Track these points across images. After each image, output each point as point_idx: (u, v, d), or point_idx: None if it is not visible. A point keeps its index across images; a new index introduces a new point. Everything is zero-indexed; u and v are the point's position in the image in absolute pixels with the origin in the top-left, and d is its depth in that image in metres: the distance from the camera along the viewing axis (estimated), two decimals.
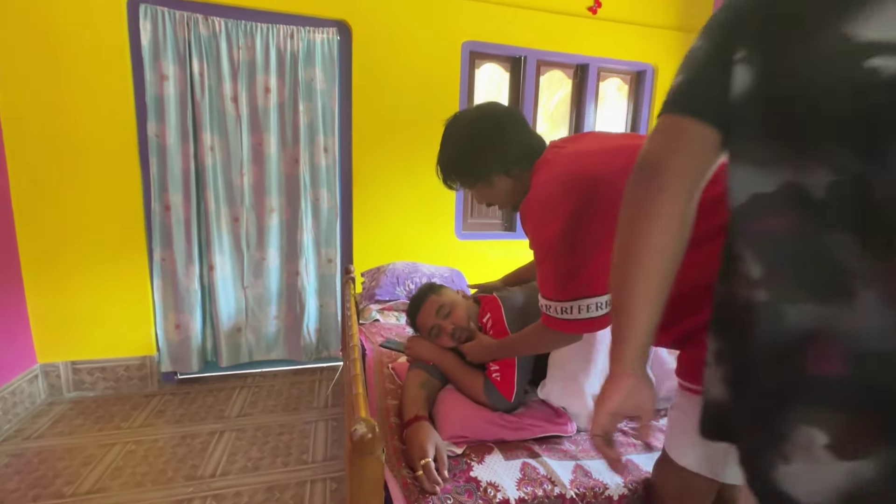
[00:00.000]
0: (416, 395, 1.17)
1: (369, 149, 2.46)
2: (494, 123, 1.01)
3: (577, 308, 0.88)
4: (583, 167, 0.89)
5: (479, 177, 1.02)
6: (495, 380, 1.17)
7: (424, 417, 1.08)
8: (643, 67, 2.84)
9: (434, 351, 1.29)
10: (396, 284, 2.01)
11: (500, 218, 2.85)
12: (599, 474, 1.03)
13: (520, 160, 0.99)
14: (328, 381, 2.45)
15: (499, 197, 1.05)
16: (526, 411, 1.18)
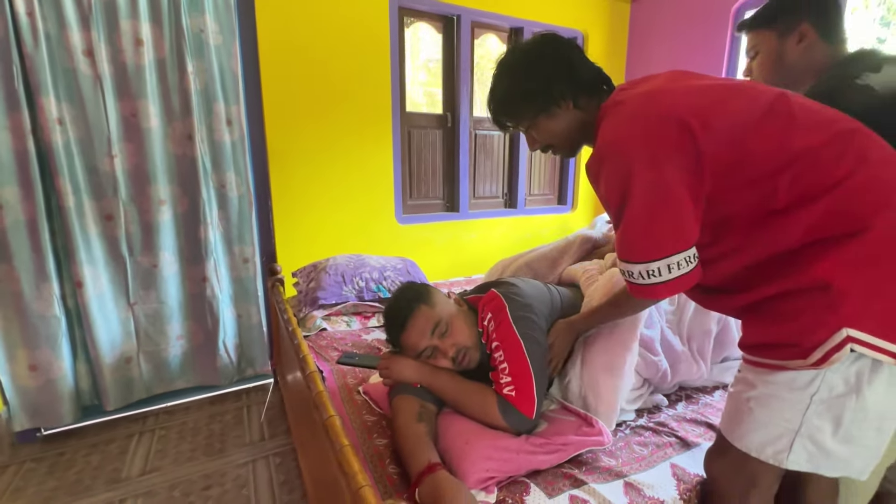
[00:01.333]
0: (418, 433, 0.89)
1: (287, 121, 2.02)
2: (559, 45, 0.89)
3: (665, 268, 0.76)
4: (668, 106, 0.76)
5: (542, 106, 0.88)
6: (510, 395, 0.95)
7: (440, 465, 0.82)
8: (574, 34, 2.76)
9: (422, 371, 1.02)
10: (343, 283, 1.67)
11: (442, 196, 2.61)
12: (651, 489, 0.87)
13: (589, 88, 0.88)
14: (258, 406, 2.02)
15: (561, 134, 0.91)
16: (550, 427, 0.98)
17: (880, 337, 0.66)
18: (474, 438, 0.90)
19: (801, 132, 0.72)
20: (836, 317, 0.68)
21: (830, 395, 0.72)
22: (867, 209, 0.68)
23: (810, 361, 0.69)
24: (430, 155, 2.51)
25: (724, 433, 0.83)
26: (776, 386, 0.75)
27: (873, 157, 0.71)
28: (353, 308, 1.69)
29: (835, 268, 0.68)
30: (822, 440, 0.74)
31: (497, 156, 2.73)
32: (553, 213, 2.95)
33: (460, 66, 2.43)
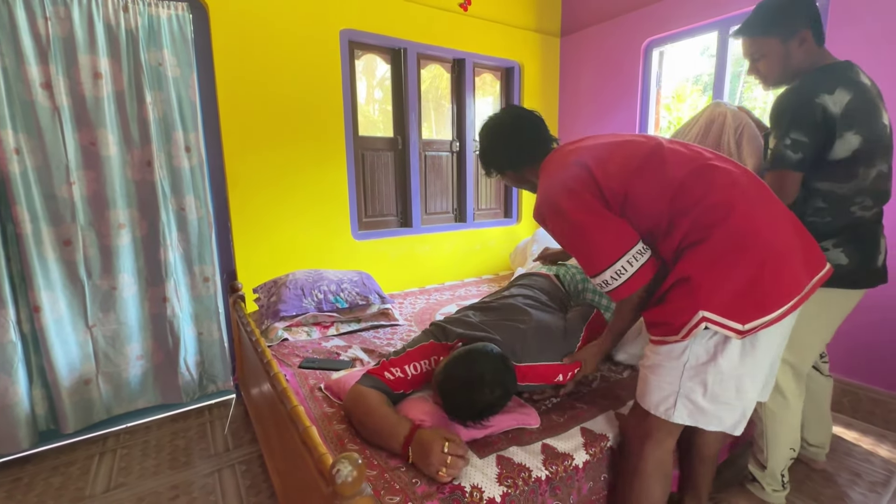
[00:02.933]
0: (389, 410, 1.05)
1: (244, 147, 2.15)
2: (506, 128, 1.28)
3: (627, 264, 1.00)
4: (578, 156, 1.09)
5: (497, 170, 1.30)
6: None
7: (419, 424, 1.01)
8: (511, 64, 3.05)
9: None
10: (303, 296, 1.80)
11: (396, 213, 2.78)
12: (563, 447, 1.07)
13: (528, 159, 1.24)
14: (221, 420, 2.09)
15: (517, 184, 1.34)
16: None
17: (724, 316, 0.90)
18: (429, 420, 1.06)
19: (671, 169, 0.99)
20: (694, 302, 0.92)
21: (697, 362, 0.96)
22: (712, 221, 0.93)
23: (679, 336, 0.94)
24: (383, 175, 2.69)
25: (636, 396, 1.08)
26: (661, 356, 1.00)
27: (719, 182, 0.96)
28: (313, 319, 1.82)
29: (692, 266, 0.94)
30: (696, 399, 0.97)
31: (446, 175, 2.96)
32: (500, 225, 3.20)
33: (408, 93, 2.64)
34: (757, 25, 1.26)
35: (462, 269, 2.99)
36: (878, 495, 1.53)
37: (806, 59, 1.23)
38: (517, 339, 1.20)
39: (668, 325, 0.96)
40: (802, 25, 1.21)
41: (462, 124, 2.94)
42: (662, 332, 0.98)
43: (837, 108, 1.13)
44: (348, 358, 1.57)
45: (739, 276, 0.90)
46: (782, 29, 1.22)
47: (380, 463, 0.99)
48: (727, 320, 0.90)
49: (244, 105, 2.12)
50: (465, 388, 1.02)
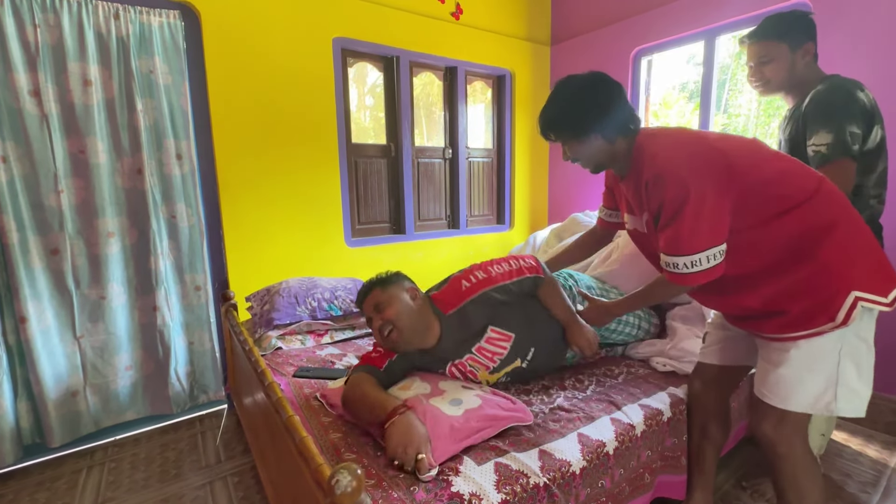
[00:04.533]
0: (382, 393, 1.13)
1: (236, 154, 2.13)
2: (607, 89, 1.11)
3: (705, 259, 1.00)
4: (712, 141, 1.04)
5: (577, 133, 1.12)
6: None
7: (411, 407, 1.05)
8: (503, 72, 3.09)
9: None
10: (296, 304, 1.79)
11: (389, 220, 2.78)
12: (561, 453, 1.07)
13: (621, 129, 1.11)
14: (213, 431, 2.06)
15: (587, 156, 1.16)
16: (482, 405, 1.16)
17: (870, 292, 0.95)
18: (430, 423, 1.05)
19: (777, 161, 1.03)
20: (843, 284, 0.95)
21: (850, 347, 0.99)
22: (835, 211, 0.98)
23: (838, 321, 0.95)
24: (376, 182, 2.69)
25: (777, 404, 1.05)
26: (813, 349, 1.00)
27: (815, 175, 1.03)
28: (307, 327, 1.81)
29: (830, 252, 0.96)
30: (851, 383, 1.00)
31: (439, 181, 2.97)
32: (493, 231, 3.21)
33: (401, 101, 2.65)
34: (771, 31, 1.36)
35: None
36: (869, 495, 1.55)
37: (807, 70, 1.36)
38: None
39: (821, 314, 0.97)
40: (809, 38, 1.34)
41: (454, 131, 2.96)
42: (816, 322, 0.98)
43: (868, 103, 1.26)
44: (343, 366, 1.56)
45: (869, 255, 0.97)
46: (793, 38, 1.33)
47: (377, 472, 0.98)
48: (875, 296, 0.95)
49: (236, 113, 2.11)
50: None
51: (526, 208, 3.32)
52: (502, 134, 3.19)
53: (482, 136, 3.22)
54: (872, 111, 1.26)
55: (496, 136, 3.21)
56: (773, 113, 4.35)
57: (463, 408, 1.14)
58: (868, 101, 1.26)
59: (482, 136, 3.22)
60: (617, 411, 1.25)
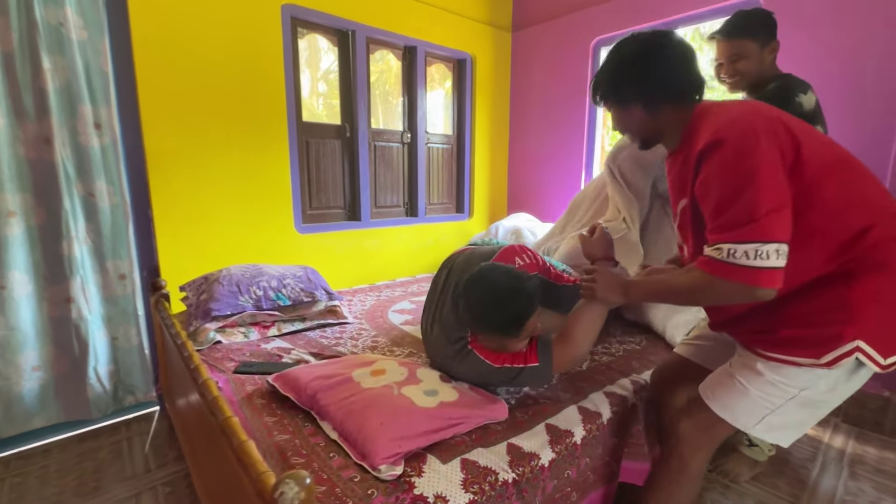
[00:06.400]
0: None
1: (168, 126, 1.90)
2: (659, 54, 0.94)
3: (774, 253, 0.78)
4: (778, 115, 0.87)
5: (618, 101, 1.00)
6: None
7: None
8: (463, 56, 3.00)
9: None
10: (238, 293, 1.61)
11: (343, 206, 2.63)
12: (529, 445, 1.01)
13: (671, 98, 0.95)
14: (142, 437, 1.84)
15: (629, 127, 1.03)
16: (458, 399, 1.07)
17: (874, 347, 0.83)
18: (389, 420, 0.96)
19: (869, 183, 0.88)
20: (852, 329, 0.83)
21: (815, 392, 0.90)
22: (889, 256, 0.83)
23: (822, 362, 0.85)
24: (330, 165, 2.52)
25: (706, 399, 1.00)
26: (780, 376, 0.91)
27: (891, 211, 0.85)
28: (251, 318, 1.64)
29: (859, 294, 0.83)
30: (786, 419, 0.94)
31: (397, 167, 2.84)
32: (452, 220, 3.14)
33: (356, 80, 2.50)
34: (743, 28, 1.40)
35: (414, 265, 2.89)
36: (808, 470, 1.63)
37: (771, 67, 1.43)
38: None
39: (808, 348, 0.87)
40: (774, 37, 1.40)
41: (413, 115, 2.84)
42: (797, 353, 0.88)
43: (808, 107, 1.32)
44: (292, 360, 1.42)
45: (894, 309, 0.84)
46: (762, 35, 1.39)
47: (329, 476, 0.87)
48: (876, 353, 0.84)
49: (168, 79, 1.88)
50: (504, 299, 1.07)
51: (485, 197, 3.27)
52: (462, 120, 3.11)
53: (441, 122, 3.12)
54: (812, 115, 1.32)
55: (456, 122, 3.13)
56: None
57: (438, 399, 1.06)
58: (809, 105, 1.32)
59: (441, 122, 3.12)
60: (583, 400, 1.21)
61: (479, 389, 1.17)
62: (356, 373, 1.14)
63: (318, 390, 1.09)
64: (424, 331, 1.39)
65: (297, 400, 1.11)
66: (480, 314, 1.10)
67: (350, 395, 1.05)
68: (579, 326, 1.14)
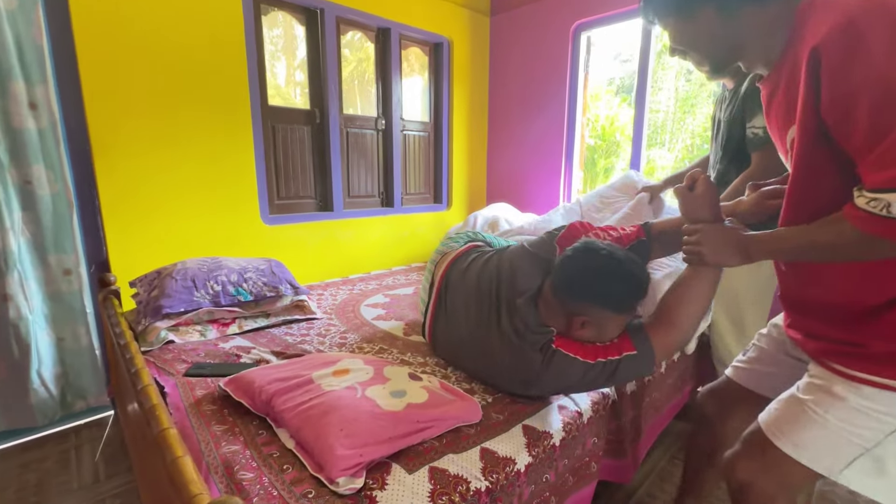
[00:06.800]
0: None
1: (116, 108, 1.74)
2: None
3: None
4: None
5: (678, 7, 0.75)
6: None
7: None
8: (440, 40, 2.88)
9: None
10: (194, 289, 1.49)
11: (314, 195, 2.50)
12: (504, 449, 0.94)
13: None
14: (93, 444, 1.70)
15: (697, 45, 0.76)
16: (429, 401, 0.99)
17: None
18: (350, 427, 0.86)
19: None
20: None
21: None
22: None
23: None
24: (299, 152, 2.39)
25: (773, 436, 0.78)
26: (871, 403, 0.70)
27: None
28: (208, 315, 1.52)
29: None
30: (887, 463, 0.72)
31: (371, 154, 2.72)
32: (430, 210, 3.04)
33: (326, 62, 2.36)
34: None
35: (390, 257, 2.79)
36: None
37: None
38: None
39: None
40: None
41: (388, 100, 2.72)
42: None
43: None
44: (251, 360, 1.32)
45: None
46: None
47: (281, 492, 0.78)
48: None
49: (114, 55, 1.71)
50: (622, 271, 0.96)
51: (464, 187, 3.18)
52: (440, 107, 3.00)
53: (419, 108, 3.00)
54: None
55: (433, 108, 3.02)
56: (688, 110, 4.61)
57: (406, 401, 0.97)
58: None
59: (419, 108, 3.00)
60: (563, 397, 1.14)
61: (452, 388, 1.09)
62: (317, 374, 1.04)
63: (273, 394, 0.99)
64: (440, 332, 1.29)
65: (250, 406, 1.01)
66: (601, 284, 0.97)
67: (309, 399, 0.96)
68: (683, 303, 0.96)
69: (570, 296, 1.00)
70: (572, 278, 1.00)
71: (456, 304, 1.25)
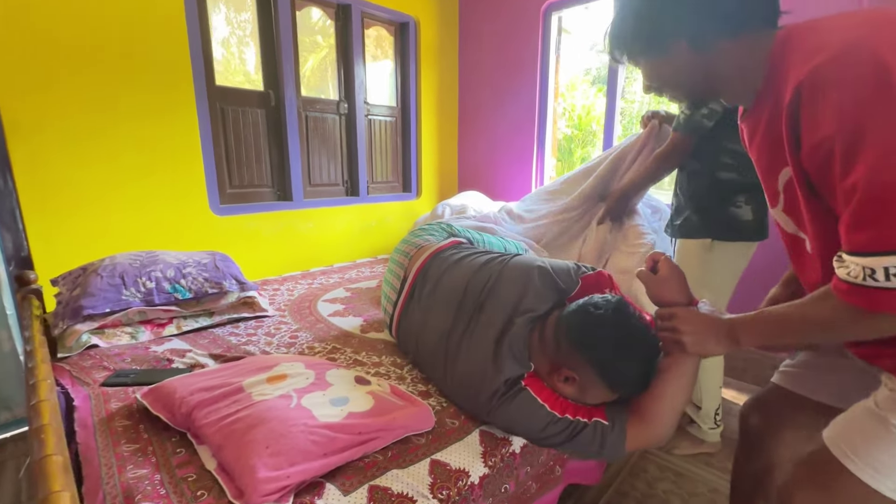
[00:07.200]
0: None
1: (33, 82, 1.55)
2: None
3: None
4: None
5: (651, 44, 0.69)
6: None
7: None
8: (406, 19, 2.73)
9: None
10: (122, 286, 1.34)
11: (271, 184, 2.34)
12: (458, 462, 0.85)
13: (733, 23, 0.64)
14: (18, 459, 1.54)
15: (673, 81, 0.72)
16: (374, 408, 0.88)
17: None
18: (277, 443, 0.75)
19: None
20: None
21: None
22: None
23: None
24: (253, 137, 2.22)
25: (844, 457, 0.65)
26: None
27: None
28: (141, 315, 1.37)
29: None
30: None
31: (334, 140, 2.57)
32: (398, 199, 2.91)
33: (280, 39, 2.19)
34: None
35: (355, 249, 2.65)
36: None
37: None
38: None
39: None
40: None
41: (350, 83, 2.56)
42: None
43: None
44: (184, 364, 1.18)
45: None
46: None
47: None
48: None
49: (24, 22, 1.52)
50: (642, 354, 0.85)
51: (434, 175, 3.07)
52: (407, 90, 2.86)
53: (386, 92, 2.86)
54: None
55: (400, 92, 2.88)
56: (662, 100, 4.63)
57: (347, 409, 0.87)
58: None
59: (386, 92, 2.86)
60: None
61: (403, 392, 0.99)
62: (248, 381, 0.93)
63: (195, 406, 0.86)
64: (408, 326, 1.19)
65: (169, 420, 0.89)
66: (615, 354, 0.85)
67: (235, 411, 0.84)
68: (661, 399, 0.85)
69: (573, 345, 0.87)
70: (588, 329, 0.87)
71: (431, 301, 1.14)
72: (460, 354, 0.98)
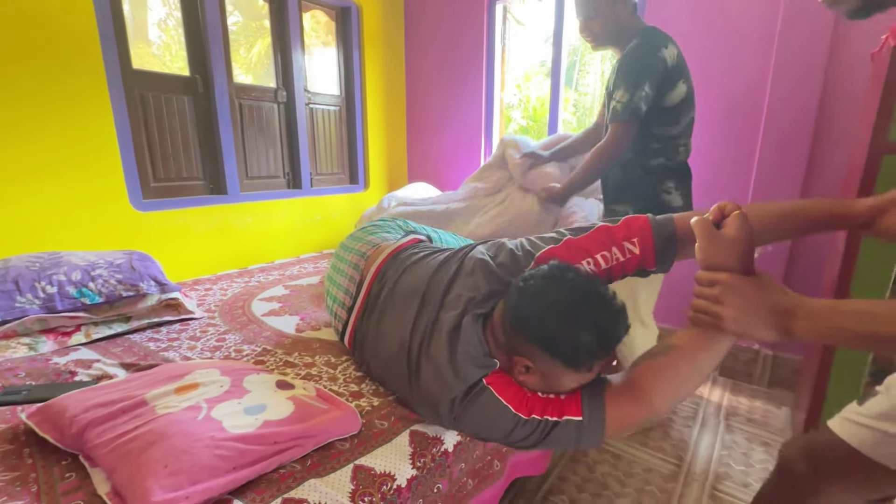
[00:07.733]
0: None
1: None
2: None
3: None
4: None
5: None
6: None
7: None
8: (347, 4, 2.62)
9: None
10: (16, 292, 1.19)
11: (203, 176, 2.19)
12: (383, 465, 0.81)
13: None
14: None
15: None
16: (293, 415, 0.83)
17: None
18: (177, 461, 0.68)
19: None
20: None
21: None
22: None
23: None
24: (179, 126, 2.06)
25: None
26: None
27: None
28: (40, 324, 1.23)
29: None
30: None
31: (273, 130, 2.44)
32: (345, 192, 2.82)
33: (206, 20, 2.03)
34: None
35: (299, 244, 2.55)
36: (690, 428, 1.66)
37: (629, 20, 1.37)
38: None
39: None
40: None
41: (288, 70, 2.43)
42: None
43: (671, 61, 1.30)
44: (89, 377, 1.07)
45: None
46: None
47: None
48: None
49: None
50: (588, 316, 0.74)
51: (383, 166, 2.99)
52: (351, 78, 2.76)
53: (332, 80, 2.74)
54: (675, 69, 1.30)
55: (344, 80, 2.77)
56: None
57: (262, 418, 0.81)
58: (672, 58, 1.30)
59: (332, 80, 2.74)
60: None
61: (329, 395, 0.94)
62: (153, 393, 0.84)
63: (87, 425, 0.78)
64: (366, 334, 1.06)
65: (58, 442, 0.79)
66: (552, 325, 0.74)
67: (133, 427, 0.76)
68: (667, 378, 0.74)
69: (514, 328, 0.79)
70: (523, 306, 0.78)
71: (388, 305, 1.02)
72: (422, 365, 0.88)
